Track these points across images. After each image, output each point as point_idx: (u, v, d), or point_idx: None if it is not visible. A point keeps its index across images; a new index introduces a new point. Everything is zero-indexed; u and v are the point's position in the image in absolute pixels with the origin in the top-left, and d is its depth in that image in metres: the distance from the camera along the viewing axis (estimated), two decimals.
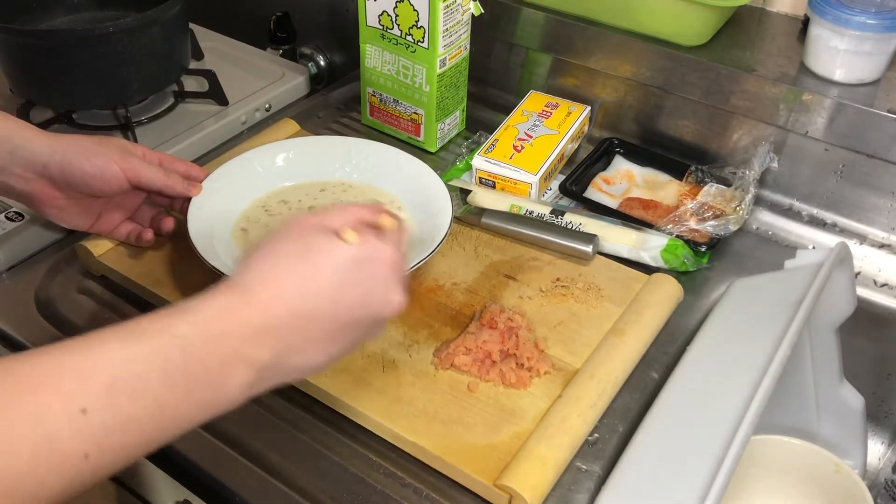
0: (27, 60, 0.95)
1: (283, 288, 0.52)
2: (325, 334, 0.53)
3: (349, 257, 0.54)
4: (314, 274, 0.53)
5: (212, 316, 0.50)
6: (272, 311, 0.51)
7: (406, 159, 0.89)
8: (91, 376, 0.44)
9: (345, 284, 0.54)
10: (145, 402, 0.45)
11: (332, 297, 0.53)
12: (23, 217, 0.88)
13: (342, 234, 0.55)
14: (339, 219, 0.56)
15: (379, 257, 0.56)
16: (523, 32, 1.04)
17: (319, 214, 0.57)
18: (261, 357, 0.50)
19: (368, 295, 0.55)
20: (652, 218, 0.88)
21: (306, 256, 0.54)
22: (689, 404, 0.63)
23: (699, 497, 0.53)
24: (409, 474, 0.66)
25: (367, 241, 0.55)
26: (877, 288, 0.86)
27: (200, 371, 0.48)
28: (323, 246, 0.54)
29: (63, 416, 0.42)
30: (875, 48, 0.85)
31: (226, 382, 0.49)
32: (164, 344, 0.47)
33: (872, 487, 0.69)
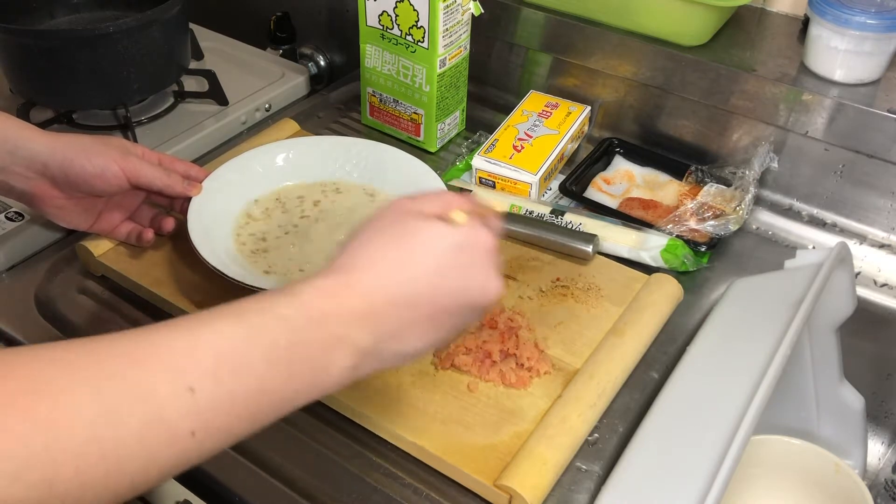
0: (27, 60, 0.95)
1: (384, 273, 0.52)
2: (424, 320, 0.53)
3: (450, 242, 0.53)
4: (414, 259, 0.52)
5: (313, 297, 0.49)
6: (373, 297, 0.51)
7: (406, 159, 0.89)
8: (197, 355, 0.44)
9: (445, 270, 0.53)
10: (249, 382, 0.45)
11: (431, 283, 0.52)
12: (23, 217, 0.88)
13: (450, 215, 0.54)
14: (437, 203, 0.56)
15: (479, 243, 0.55)
16: (523, 32, 1.04)
17: (418, 199, 0.56)
18: (362, 340, 0.50)
19: (468, 281, 0.54)
20: (652, 218, 0.88)
21: (407, 241, 0.53)
22: (688, 404, 0.63)
23: (699, 497, 0.53)
24: (409, 474, 0.66)
25: (471, 226, 0.55)
26: (877, 288, 0.86)
27: (303, 352, 0.48)
28: (423, 230, 0.53)
29: (171, 393, 0.43)
30: (875, 48, 0.85)
31: (328, 364, 0.49)
32: (267, 324, 0.47)
33: (872, 487, 0.69)
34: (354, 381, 0.51)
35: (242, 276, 0.74)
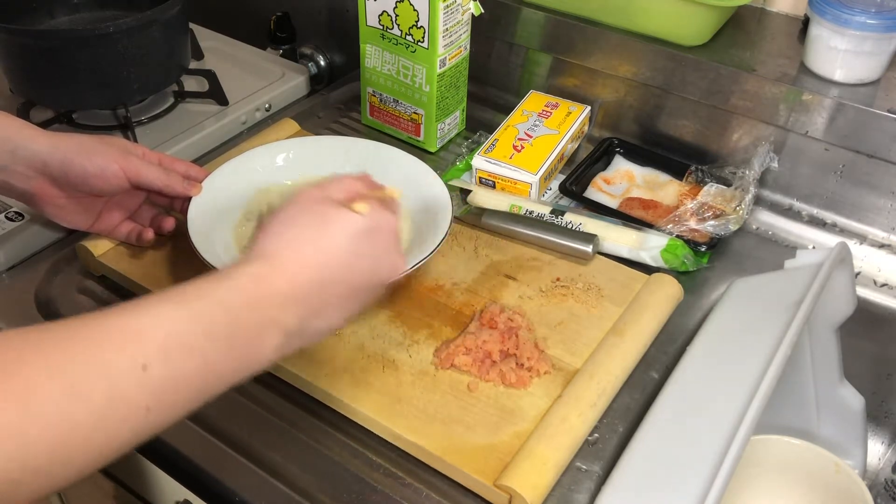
0: (27, 60, 0.95)
1: (305, 258, 0.56)
2: (341, 299, 0.58)
3: (361, 228, 0.59)
4: (332, 244, 0.57)
5: (246, 282, 0.53)
6: (297, 280, 0.55)
7: (406, 159, 0.89)
8: (148, 335, 0.48)
9: (358, 253, 0.58)
10: (195, 359, 0.49)
11: (348, 265, 0.58)
12: (23, 217, 0.88)
13: (353, 206, 0.59)
14: (342, 191, 0.61)
15: (385, 226, 0.61)
16: (523, 32, 1.04)
17: (323, 187, 0.61)
18: (289, 322, 0.54)
19: (378, 261, 0.61)
20: (652, 218, 0.88)
21: (323, 227, 0.58)
22: (689, 404, 0.63)
23: (699, 497, 0.53)
24: (409, 474, 0.66)
25: (374, 211, 0.60)
26: (877, 288, 0.86)
27: (241, 332, 0.52)
28: (336, 217, 0.58)
29: (127, 370, 0.46)
30: (875, 48, 0.85)
31: (261, 343, 0.53)
32: (208, 307, 0.51)
33: (872, 487, 0.68)
34: (282, 356, 0.55)
35: None
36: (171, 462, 0.70)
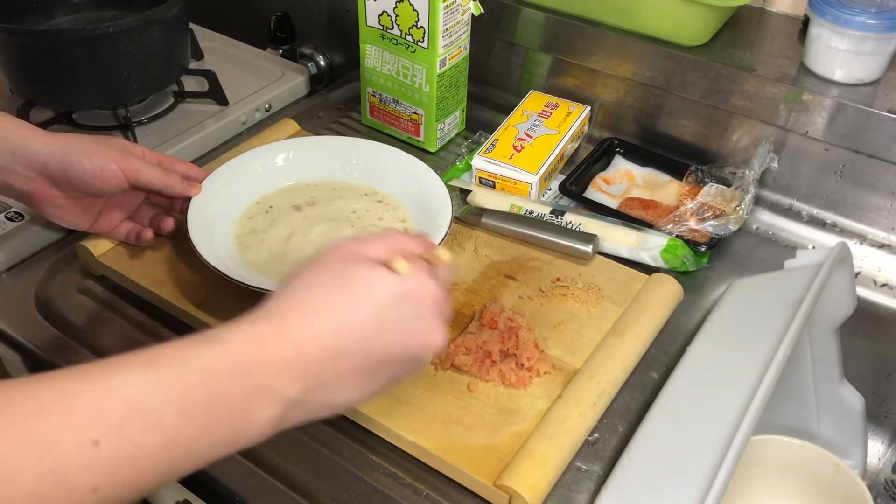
0: (27, 60, 0.95)
1: (319, 321, 0.50)
2: (359, 372, 0.51)
3: (391, 292, 0.52)
4: (353, 308, 0.51)
5: (240, 345, 0.47)
6: (306, 347, 0.49)
7: (406, 159, 0.89)
8: (105, 406, 0.42)
9: (384, 321, 0.51)
10: (160, 435, 0.43)
11: (369, 334, 0.51)
12: (23, 217, 0.88)
13: (392, 263, 0.53)
14: (384, 248, 0.54)
15: (422, 293, 0.53)
16: (523, 32, 1.04)
17: (363, 242, 0.54)
18: (289, 392, 0.48)
19: (408, 333, 0.53)
20: (652, 218, 0.88)
21: (346, 289, 0.51)
22: (689, 404, 0.63)
23: (699, 497, 0.53)
24: (409, 474, 0.66)
25: (414, 273, 0.53)
26: (877, 288, 0.86)
27: (222, 404, 0.45)
28: (364, 278, 0.52)
29: (73, 446, 0.40)
30: (875, 48, 0.85)
31: (250, 418, 0.47)
32: (183, 374, 0.45)
33: (872, 487, 0.68)
34: (280, 431, 0.49)
35: (242, 277, 0.74)
36: None
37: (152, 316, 0.79)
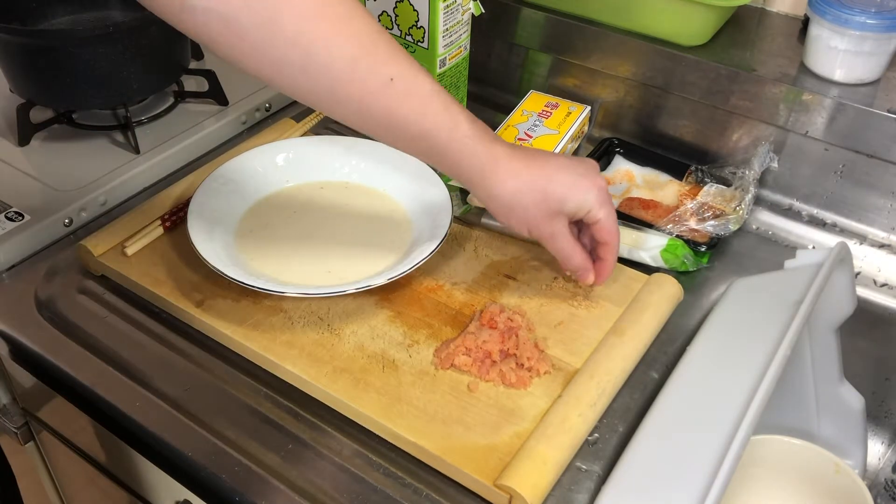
0: (27, 60, 0.95)
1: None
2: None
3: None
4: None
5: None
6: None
7: (406, 159, 0.88)
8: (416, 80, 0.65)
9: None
10: (415, 104, 0.65)
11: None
12: (23, 217, 0.88)
13: None
14: None
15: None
16: (523, 32, 1.04)
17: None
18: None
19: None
20: (652, 218, 0.88)
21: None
22: (689, 404, 0.63)
23: (699, 497, 0.53)
24: (409, 474, 0.66)
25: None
26: (877, 288, 0.86)
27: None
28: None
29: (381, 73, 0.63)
30: (875, 48, 0.85)
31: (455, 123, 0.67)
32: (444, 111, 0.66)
33: (872, 487, 0.69)
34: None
35: (242, 276, 0.74)
36: (171, 462, 0.70)
37: (152, 316, 0.80)
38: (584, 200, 0.70)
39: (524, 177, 0.69)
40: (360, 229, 0.84)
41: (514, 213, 0.71)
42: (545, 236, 0.72)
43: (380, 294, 0.79)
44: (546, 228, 0.71)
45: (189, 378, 0.74)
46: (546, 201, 0.70)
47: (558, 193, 0.70)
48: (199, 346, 0.77)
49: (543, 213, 0.70)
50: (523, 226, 0.72)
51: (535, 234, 0.72)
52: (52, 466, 1.00)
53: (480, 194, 0.70)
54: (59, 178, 0.94)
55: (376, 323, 0.76)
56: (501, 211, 0.71)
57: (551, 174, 0.70)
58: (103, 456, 0.87)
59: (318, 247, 0.82)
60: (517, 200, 0.69)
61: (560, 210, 0.70)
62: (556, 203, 0.70)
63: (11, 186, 0.93)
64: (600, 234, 0.74)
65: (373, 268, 0.79)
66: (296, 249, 0.82)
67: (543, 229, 0.71)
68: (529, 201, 0.69)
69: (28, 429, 0.95)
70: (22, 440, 0.95)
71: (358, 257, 0.81)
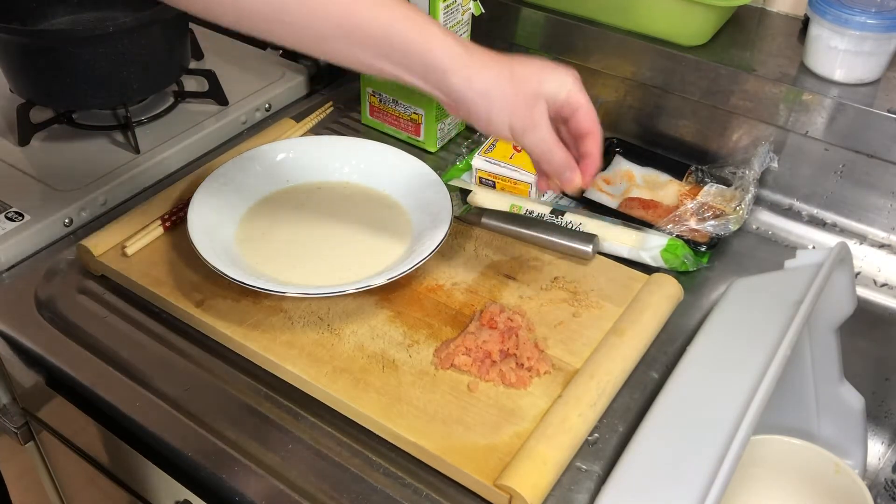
0: (27, 60, 0.95)
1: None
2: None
3: None
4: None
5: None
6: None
7: (406, 159, 0.89)
8: None
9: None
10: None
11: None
12: (23, 217, 0.88)
13: None
14: None
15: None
16: (523, 32, 1.04)
17: None
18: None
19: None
20: (652, 218, 0.88)
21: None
22: (689, 404, 0.63)
23: (699, 497, 0.53)
24: (409, 474, 0.66)
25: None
26: (877, 288, 0.86)
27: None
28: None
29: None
30: (875, 48, 0.85)
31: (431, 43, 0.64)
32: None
33: (872, 487, 0.69)
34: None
35: (242, 276, 0.74)
36: (171, 462, 0.70)
37: (152, 316, 0.80)
38: (563, 81, 0.67)
39: (498, 67, 0.66)
40: (360, 229, 0.84)
41: (494, 102, 0.66)
42: (528, 126, 0.67)
43: (380, 294, 0.79)
44: (528, 117, 0.67)
45: (189, 378, 0.74)
46: (526, 82, 0.66)
47: (536, 76, 0.67)
48: (199, 346, 0.77)
49: (524, 98, 0.66)
50: (505, 116, 0.67)
51: (517, 125, 0.67)
52: (52, 466, 1.00)
53: (459, 84, 0.65)
54: (59, 178, 0.94)
55: (376, 323, 0.76)
56: (482, 102, 0.66)
57: (522, 62, 0.67)
58: (103, 456, 0.87)
59: (317, 247, 0.82)
60: (497, 86, 0.66)
61: (539, 90, 0.67)
62: (536, 84, 0.66)
63: (11, 186, 0.93)
64: (583, 124, 0.69)
65: (372, 268, 0.79)
66: (296, 249, 0.82)
67: (525, 118, 0.67)
68: (509, 86, 0.66)
69: (28, 429, 0.95)
70: (22, 440, 0.95)
71: (358, 257, 0.81)
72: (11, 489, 1.06)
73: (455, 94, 0.66)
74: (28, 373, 0.83)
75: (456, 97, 0.66)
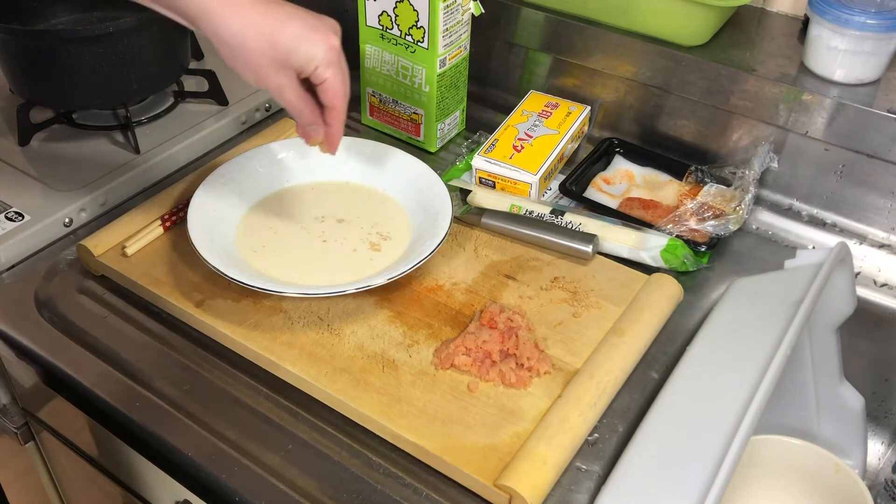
0: (27, 60, 0.95)
1: None
2: None
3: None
4: None
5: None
6: None
7: (406, 159, 0.89)
8: None
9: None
10: None
11: None
12: (23, 217, 0.88)
13: None
14: None
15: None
16: (523, 32, 1.04)
17: None
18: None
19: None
20: (652, 218, 0.88)
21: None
22: (689, 404, 0.63)
23: (699, 497, 0.53)
24: (409, 474, 0.66)
25: None
26: (877, 288, 0.86)
27: None
28: None
29: None
30: (875, 48, 0.85)
31: None
32: None
33: (872, 487, 0.69)
34: None
35: (242, 276, 0.74)
36: (171, 462, 0.70)
37: (152, 316, 0.80)
38: (313, 55, 0.66)
39: (251, 16, 0.64)
40: (360, 229, 0.84)
41: (237, 59, 0.66)
42: (272, 88, 0.68)
43: (380, 294, 0.79)
44: (273, 80, 0.67)
45: (189, 378, 0.74)
46: (273, 50, 0.65)
47: (286, 44, 0.66)
48: (199, 346, 0.77)
49: (269, 63, 0.66)
50: (249, 74, 0.67)
51: (261, 84, 0.68)
52: (52, 466, 1.00)
53: (206, 32, 0.66)
54: (59, 178, 0.94)
55: (376, 323, 0.76)
56: (225, 53, 0.66)
57: (283, 19, 0.66)
58: (103, 456, 0.87)
59: (317, 247, 0.82)
60: (241, 44, 0.65)
61: (286, 62, 0.66)
62: (283, 54, 0.66)
63: (11, 186, 0.93)
64: (326, 96, 0.69)
65: (372, 268, 0.79)
66: (296, 249, 0.82)
67: (270, 80, 0.67)
68: (254, 48, 0.65)
69: (28, 429, 0.95)
70: (22, 440, 0.95)
71: (357, 257, 0.81)
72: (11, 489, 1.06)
73: (205, 35, 0.66)
74: (28, 373, 0.83)
75: (210, 34, 0.66)
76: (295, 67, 0.67)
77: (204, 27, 0.66)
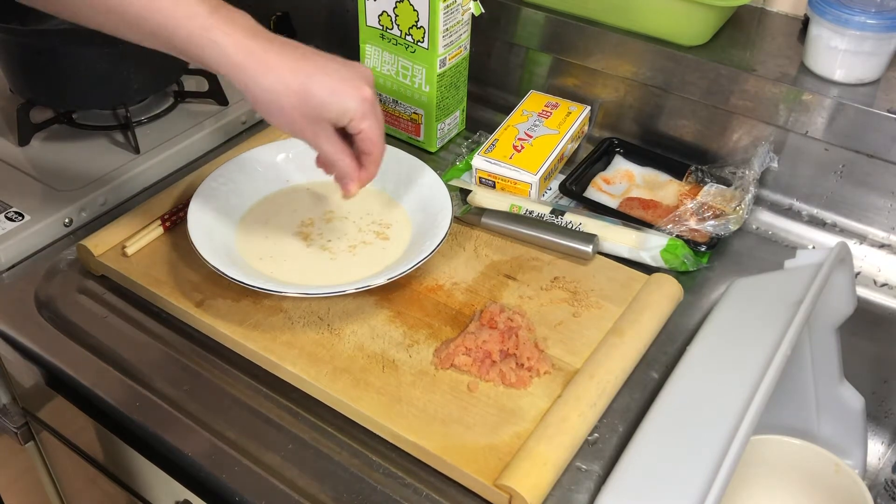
0: (27, 60, 0.95)
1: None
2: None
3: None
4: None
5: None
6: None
7: (406, 159, 0.89)
8: None
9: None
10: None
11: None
12: (23, 217, 0.88)
13: None
14: None
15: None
16: (523, 32, 1.04)
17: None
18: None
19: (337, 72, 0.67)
20: (652, 218, 0.88)
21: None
22: (689, 404, 0.63)
23: (699, 497, 0.53)
24: (409, 474, 0.66)
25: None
26: (877, 288, 0.86)
27: None
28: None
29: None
30: (875, 48, 0.85)
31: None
32: None
33: (872, 487, 0.69)
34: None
35: (242, 276, 0.74)
36: (172, 462, 0.70)
37: (152, 316, 0.80)
38: (345, 109, 0.67)
39: (282, 72, 0.65)
40: (360, 229, 0.84)
41: (272, 114, 0.67)
42: (308, 140, 0.69)
43: (380, 294, 0.79)
44: (308, 132, 0.68)
45: (189, 378, 0.74)
46: (305, 104, 0.66)
47: (317, 98, 0.66)
48: (199, 346, 0.77)
49: (301, 116, 0.67)
50: (285, 127, 0.68)
51: (298, 136, 0.69)
52: (52, 466, 1.00)
53: (238, 87, 0.66)
54: (59, 178, 0.94)
55: (376, 323, 0.76)
56: (259, 108, 0.67)
57: (312, 73, 0.66)
58: (103, 456, 0.87)
59: (317, 247, 0.82)
60: (274, 101, 0.66)
61: (320, 116, 0.67)
62: (315, 108, 0.66)
63: (11, 186, 0.93)
64: (363, 146, 0.71)
65: (372, 268, 0.79)
66: (295, 249, 0.82)
67: (306, 132, 0.68)
68: (287, 104, 0.66)
69: (28, 429, 0.95)
70: (22, 440, 0.95)
71: (357, 257, 0.81)
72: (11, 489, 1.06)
73: (240, 87, 0.66)
74: (28, 373, 0.83)
75: (241, 89, 0.66)
76: (329, 121, 0.68)
77: (235, 83, 0.66)
